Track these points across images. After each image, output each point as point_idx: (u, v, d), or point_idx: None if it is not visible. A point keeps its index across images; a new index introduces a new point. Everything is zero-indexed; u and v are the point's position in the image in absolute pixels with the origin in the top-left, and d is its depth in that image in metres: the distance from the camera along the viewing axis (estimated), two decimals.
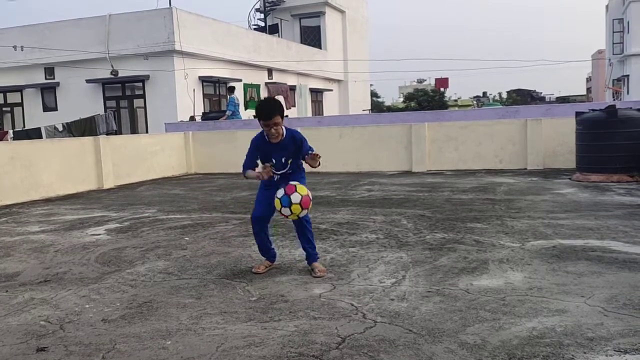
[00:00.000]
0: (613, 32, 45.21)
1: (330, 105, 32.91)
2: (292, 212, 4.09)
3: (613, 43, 45.23)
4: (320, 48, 32.17)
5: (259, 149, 4.36)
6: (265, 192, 4.41)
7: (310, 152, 4.31)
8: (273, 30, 30.30)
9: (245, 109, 21.54)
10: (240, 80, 22.73)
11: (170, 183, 11.81)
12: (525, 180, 9.66)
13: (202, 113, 19.41)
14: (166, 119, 18.05)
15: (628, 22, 41.33)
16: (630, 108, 9.69)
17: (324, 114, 30.48)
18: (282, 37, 30.14)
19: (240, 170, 4.58)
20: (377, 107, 60.91)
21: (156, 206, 8.41)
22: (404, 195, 8.42)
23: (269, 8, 31.94)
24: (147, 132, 20.50)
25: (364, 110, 34.70)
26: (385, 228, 6.01)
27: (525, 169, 11.26)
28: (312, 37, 32.68)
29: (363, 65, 36.31)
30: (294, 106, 25.07)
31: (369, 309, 3.51)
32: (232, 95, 16.90)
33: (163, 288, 4.17)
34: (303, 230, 4.42)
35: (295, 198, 4.05)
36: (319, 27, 32.74)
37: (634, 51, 38.81)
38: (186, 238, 5.93)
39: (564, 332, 3.02)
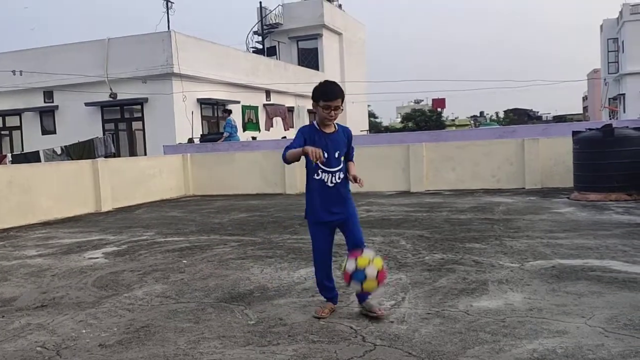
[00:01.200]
0: (608, 51, 45.69)
1: None
2: (362, 289, 3.53)
3: (608, 62, 45.67)
4: (318, 70, 32.41)
5: (308, 140, 3.69)
6: (320, 228, 3.84)
7: (353, 152, 3.96)
8: (271, 52, 30.59)
9: (244, 130, 21.62)
10: (238, 102, 22.86)
11: (169, 205, 11.80)
12: (523, 199, 9.66)
13: (201, 135, 19.47)
14: (164, 141, 18.10)
15: (623, 42, 41.78)
16: (627, 127, 9.74)
17: None
18: (279, 59, 30.39)
19: None
20: (375, 127, 61.15)
21: (154, 229, 8.39)
22: (403, 216, 8.41)
23: (266, 31, 32.26)
24: (145, 154, 20.54)
25: (361, 130, 34.83)
26: (384, 249, 5.98)
27: (523, 188, 11.27)
28: (309, 59, 32.95)
29: (360, 87, 36.55)
30: (292, 127, 25.17)
31: (368, 331, 3.48)
32: (229, 117, 16.98)
33: (161, 312, 4.13)
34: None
35: (370, 272, 3.46)
36: (316, 49, 33.04)
37: (629, 70, 39.19)
38: (184, 261, 5.90)
39: (564, 354, 2.99)
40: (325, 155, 3.66)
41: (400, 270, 5.00)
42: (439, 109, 56.17)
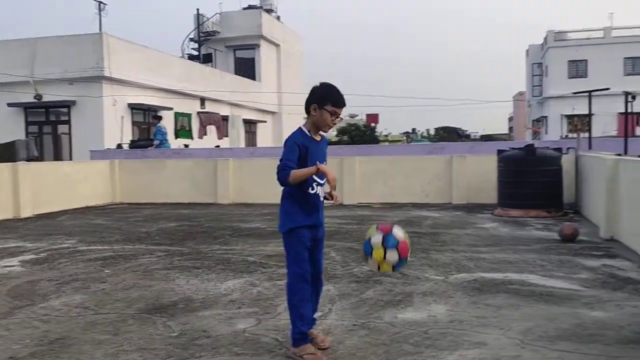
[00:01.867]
0: (533, 75, 48.05)
1: (264, 136, 32.94)
2: (397, 261, 3.16)
3: (533, 86, 48.02)
4: (255, 79, 32.31)
5: (303, 151, 3.24)
6: (306, 235, 3.30)
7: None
8: (207, 60, 30.24)
9: (176, 137, 21.20)
10: (171, 109, 22.41)
11: (94, 212, 11.36)
12: (450, 214, 9.94)
13: (130, 141, 18.93)
14: (92, 146, 17.44)
15: (546, 67, 44.05)
16: (547, 147, 10.25)
17: (258, 145, 30.46)
18: (216, 67, 30.07)
19: None
20: None
21: (77, 237, 8.04)
22: (334, 228, 8.46)
23: (203, 38, 31.89)
24: (71, 159, 19.74)
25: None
26: None
27: (450, 203, 11.61)
28: (246, 68, 32.80)
29: (297, 98, 36.68)
30: (227, 136, 24.91)
31: None
32: (159, 124, 16.61)
33: (78, 323, 3.95)
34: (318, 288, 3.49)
35: (398, 234, 3.16)
36: (253, 59, 32.94)
37: (552, 93, 41.32)
38: (106, 270, 5.68)
39: None
40: (317, 164, 3.29)
41: (329, 282, 5.00)
42: (372, 124, 57.16)
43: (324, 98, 3.26)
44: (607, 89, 12.95)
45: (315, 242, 3.37)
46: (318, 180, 3.31)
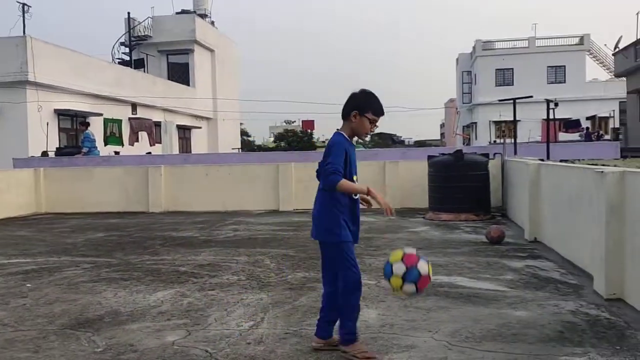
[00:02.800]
0: (463, 83, 49.76)
1: (199, 142, 32.44)
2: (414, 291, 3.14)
3: (463, 93, 49.70)
4: (189, 85, 31.78)
5: (347, 154, 3.28)
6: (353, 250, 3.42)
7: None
8: (138, 65, 29.48)
9: (105, 144, 20.51)
10: (101, 115, 21.68)
11: (16, 224, 10.82)
12: (384, 219, 10.09)
13: (56, 148, 18.17)
14: (15, 154, 16.63)
15: (475, 75, 45.71)
16: (475, 153, 10.61)
17: (193, 152, 29.96)
18: (148, 72, 29.37)
19: None
20: (248, 146, 61.06)
21: None
22: (270, 235, 8.41)
23: (134, 42, 31.08)
24: None
25: (233, 148, 34.60)
26: (247, 269, 5.92)
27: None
28: (180, 73, 32.22)
29: (233, 104, 36.38)
30: (159, 142, 24.35)
31: (223, 354, 3.40)
32: (87, 131, 16.05)
33: None
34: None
35: (423, 268, 3.11)
36: (187, 64, 32.40)
37: (481, 100, 42.89)
38: (28, 285, 5.40)
39: None
40: (357, 171, 3.41)
41: (262, 290, 4.97)
42: (308, 130, 57.46)
43: (366, 106, 3.28)
44: (530, 96, 13.55)
45: None
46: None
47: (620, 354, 3.29)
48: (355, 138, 3.47)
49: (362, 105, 3.29)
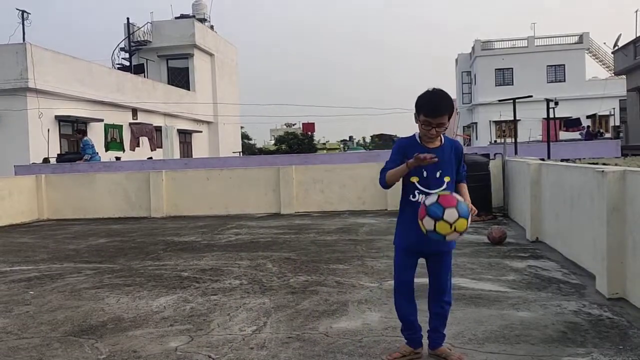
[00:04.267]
0: (462, 83, 49.77)
1: (200, 146, 32.46)
2: (435, 229, 2.94)
3: (463, 93, 49.70)
4: (189, 89, 31.81)
5: (407, 155, 3.13)
6: (408, 256, 3.30)
7: (465, 172, 3.33)
8: (138, 70, 29.49)
9: (106, 150, 20.54)
10: (101, 120, 21.72)
11: (19, 231, 10.83)
12: (385, 220, 10.10)
13: (57, 155, 18.20)
14: (16, 161, 16.66)
15: (475, 75, 45.71)
16: (476, 153, 10.61)
17: (194, 156, 29.98)
18: (148, 78, 29.41)
19: None
20: (249, 149, 61.11)
21: None
22: (271, 238, 8.42)
23: (134, 48, 31.11)
24: None
25: (234, 152, 34.62)
26: (250, 273, 5.93)
27: (386, 209, 11.78)
28: (180, 78, 32.24)
29: (233, 108, 36.41)
30: (160, 147, 24.37)
31: (227, 359, 3.40)
32: (85, 138, 16.07)
33: None
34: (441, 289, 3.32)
35: (450, 214, 2.92)
36: (187, 68, 32.42)
37: (481, 101, 42.89)
38: (31, 292, 5.41)
39: None
40: (424, 174, 3.15)
41: (265, 295, 4.97)
42: (309, 133, 57.50)
43: (417, 108, 3.15)
44: (530, 96, 13.55)
45: (430, 258, 3.29)
46: (421, 188, 3.17)
47: (624, 353, 3.29)
48: (356, 140, 3.50)
49: (416, 108, 3.16)
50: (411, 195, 3.20)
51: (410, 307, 3.30)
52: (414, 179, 3.19)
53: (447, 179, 3.18)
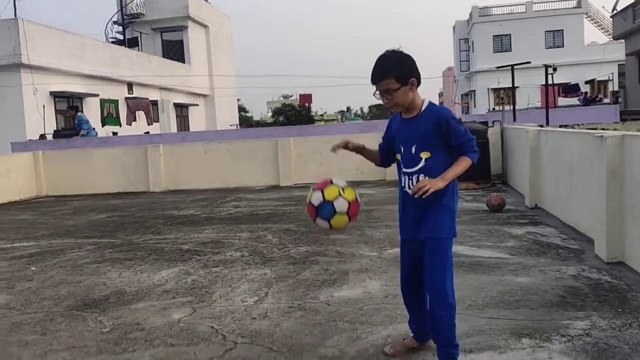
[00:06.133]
0: (460, 50, 49.27)
1: (197, 120, 32.29)
2: (330, 226, 2.70)
3: (460, 61, 49.26)
4: (184, 62, 31.50)
5: (390, 129, 2.91)
6: (403, 247, 2.92)
7: (465, 143, 2.67)
8: (132, 43, 29.14)
9: (103, 125, 20.43)
10: (97, 95, 21.56)
11: (18, 208, 10.84)
12: (384, 190, 10.11)
13: (54, 131, 18.11)
14: (12, 138, 16.56)
15: (473, 42, 45.24)
16: (474, 121, 10.56)
17: (191, 129, 29.84)
18: (142, 51, 29.08)
19: None
20: (246, 121, 60.85)
21: None
22: (271, 210, 8.44)
23: (127, 21, 30.69)
24: None
25: (231, 125, 34.47)
26: (250, 245, 5.95)
27: (384, 180, 11.79)
28: (174, 51, 31.89)
29: (229, 80, 36.10)
30: (157, 121, 24.24)
31: (229, 330, 3.44)
32: (79, 114, 15.95)
33: (3, 325, 3.78)
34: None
35: (340, 205, 2.66)
36: (181, 41, 32.03)
37: (479, 68, 42.54)
38: (32, 268, 5.44)
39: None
40: (402, 149, 2.78)
41: (266, 265, 5.00)
42: (306, 104, 57.20)
43: None
44: (528, 62, 13.43)
45: (419, 253, 2.78)
46: (402, 166, 2.79)
47: (622, 316, 3.33)
48: (354, 110, 3.39)
49: None
50: (401, 182, 2.83)
51: (408, 301, 2.97)
52: (398, 156, 2.84)
53: (424, 155, 2.69)
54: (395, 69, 2.64)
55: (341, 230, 2.94)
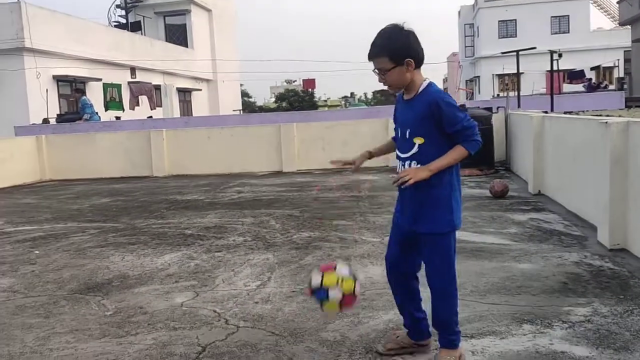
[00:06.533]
0: (465, 36, 48.93)
1: (200, 105, 32.23)
2: (322, 309, 2.64)
3: (465, 46, 48.95)
4: (187, 47, 31.37)
5: (396, 111, 2.75)
6: (394, 227, 2.82)
7: (461, 131, 2.51)
8: (135, 27, 29.00)
9: (106, 110, 20.41)
10: (100, 80, 21.52)
11: (21, 192, 10.87)
12: (387, 177, 10.08)
13: (57, 115, 18.10)
14: (16, 122, 16.57)
15: (478, 27, 44.91)
16: (478, 107, 10.52)
17: (194, 114, 29.79)
18: (145, 35, 28.97)
19: None
20: (249, 107, 60.73)
21: (3, 218, 7.68)
22: (274, 196, 8.44)
23: (130, 4, 30.53)
24: None
25: (234, 110, 34.40)
26: (253, 230, 5.97)
27: (387, 166, 11.76)
28: (177, 35, 31.75)
29: (232, 65, 35.95)
30: (160, 106, 24.20)
31: (232, 314, 3.45)
32: (84, 97, 15.92)
33: (6, 308, 3.80)
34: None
35: (334, 295, 2.55)
36: (184, 25, 31.88)
37: (484, 54, 42.25)
38: (36, 251, 5.47)
39: None
40: (398, 133, 2.67)
41: (268, 250, 5.01)
42: (310, 90, 56.98)
43: None
44: (534, 48, 13.32)
45: (413, 240, 2.67)
46: (399, 153, 2.66)
47: (624, 302, 3.33)
48: (357, 96, 3.32)
49: None
50: (397, 159, 2.71)
51: (394, 289, 2.83)
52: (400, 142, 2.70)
53: (418, 141, 2.54)
54: (388, 48, 2.50)
55: (332, 315, 2.92)
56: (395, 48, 2.49)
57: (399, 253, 2.74)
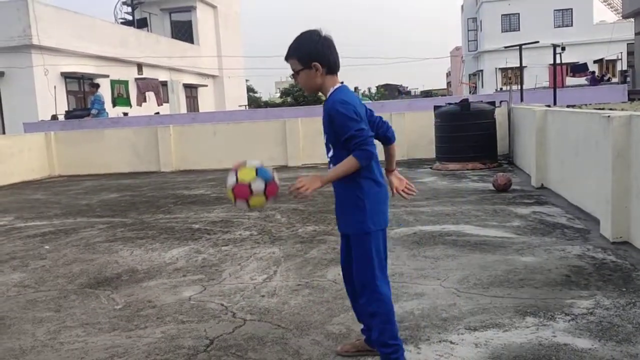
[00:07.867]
0: (468, 30, 48.71)
1: (206, 101, 32.30)
2: (249, 207, 2.58)
3: (468, 40, 48.75)
4: (193, 43, 31.42)
5: None
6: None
7: (350, 140, 2.45)
8: (141, 24, 29.07)
9: (113, 106, 20.50)
10: (107, 76, 21.61)
11: (31, 187, 10.98)
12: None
13: (65, 111, 18.19)
14: (25, 118, 16.70)
15: (481, 21, 44.69)
16: (481, 101, 10.53)
17: (200, 110, 29.87)
18: (151, 32, 29.04)
19: None
20: (255, 102, 60.70)
21: (13, 213, 7.78)
22: (280, 190, 8.49)
23: (136, 1, 30.58)
24: (3, 133, 18.87)
25: (240, 105, 34.44)
26: (259, 224, 6.03)
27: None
28: (183, 31, 31.79)
29: (238, 61, 36.00)
30: (167, 102, 24.29)
31: (239, 307, 3.52)
32: (98, 93, 16.00)
33: (18, 303, 3.88)
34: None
35: (257, 186, 2.52)
36: (190, 21, 31.92)
37: (487, 48, 42.09)
38: (46, 246, 5.56)
39: (421, 315, 3.23)
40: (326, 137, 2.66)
41: (274, 244, 5.08)
42: None
43: None
44: (537, 42, 13.29)
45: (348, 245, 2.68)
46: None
47: (627, 295, 3.37)
48: (361, 90, 3.29)
49: None
50: None
51: (349, 295, 2.80)
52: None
53: (331, 145, 2.61)
54: (296, 50, 2.56)
55: (261, 207, 2.78)
56: (304, 51, 2.54)
57: (344, 257, 2.74)
